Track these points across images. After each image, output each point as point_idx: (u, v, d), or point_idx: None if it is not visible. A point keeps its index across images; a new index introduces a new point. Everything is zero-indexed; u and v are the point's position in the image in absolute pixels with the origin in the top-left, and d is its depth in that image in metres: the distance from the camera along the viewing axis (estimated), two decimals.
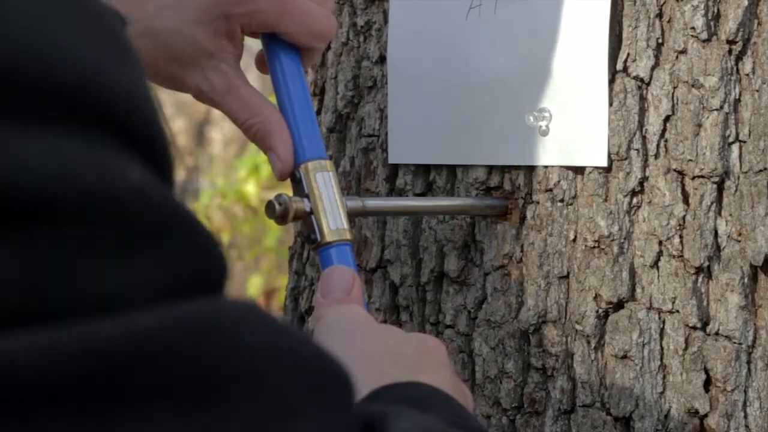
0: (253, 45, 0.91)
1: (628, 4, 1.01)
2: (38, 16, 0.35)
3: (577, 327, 1.02)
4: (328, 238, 0.85)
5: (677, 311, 0.99)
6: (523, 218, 1.04)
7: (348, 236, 0.86)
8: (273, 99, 0.89)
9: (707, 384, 0.99)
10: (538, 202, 1.04)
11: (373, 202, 1.02)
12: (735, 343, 0.98)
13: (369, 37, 1.13)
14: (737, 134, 0.99)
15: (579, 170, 1.02)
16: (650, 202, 1.00)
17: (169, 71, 0.83)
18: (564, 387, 1.02)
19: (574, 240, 1.02)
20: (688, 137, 0.99)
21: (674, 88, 1.00)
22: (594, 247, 1.01)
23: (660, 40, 1.00)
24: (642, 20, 1.00)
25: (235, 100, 0.85)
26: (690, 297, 0.99)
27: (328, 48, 1.16)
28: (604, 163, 1.01)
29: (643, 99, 1.00)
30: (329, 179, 0.86)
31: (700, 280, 0.99)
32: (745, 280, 0.98)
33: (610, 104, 1.01)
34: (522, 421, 1.03)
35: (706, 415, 0.98)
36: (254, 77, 0.98)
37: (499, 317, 1.04)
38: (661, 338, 1.00)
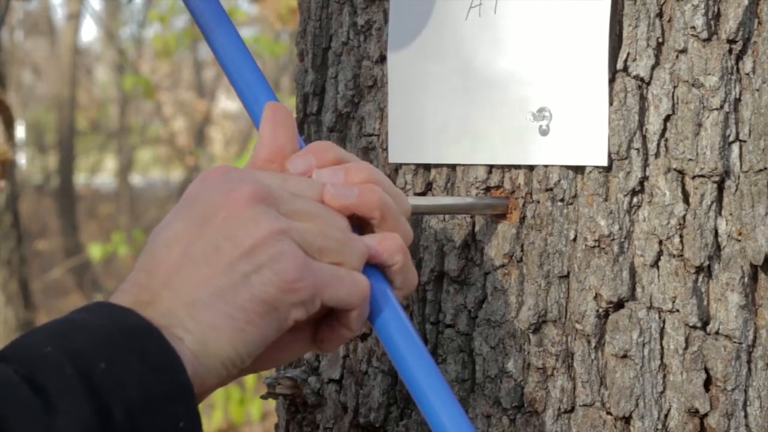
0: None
1: (628, 3, 1.01)
2: None
3: (578, 326, 1.02)
4: None
5: (677, 311, 0.99)
6: (523, 218, 1.04)
7: None
8: None
9: (707, 383, 0.99)
10: (538, 202, 1.04)
11: None
12: (735, 342, 0.98)
13: (369, 36, 1.13)
14: (737, 134, 0.99)
15: (579, 170, 1.02)
16: (650, 201, 1.00)
17: None
18: (564, 386, 1.02)
19: (575, 239, 1.02)
20: (688, 137, 0.99)
21: (674, 87, 1.00)
22: (594, 246, 1.01)
23: (660, 40, 1.00)
24: (642, 20, 1.00)
25: None
26: (690, 296, 0.99)
27: (329, 47, 1.16)
28: (604, 163, 1.01)
29: (643, 98, 1.00)
30: None
31: (700, 279, 0.99)
32: (746, 279, 0.98)
33: (611, 104, 1.01)
34: (522, 420, 1.03)
35: (706, 415, 0.98)
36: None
37: (500, 317, 1.04)
38: (662, 338, 1.00)
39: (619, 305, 1.01)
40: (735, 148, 0.99)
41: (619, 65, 1.01)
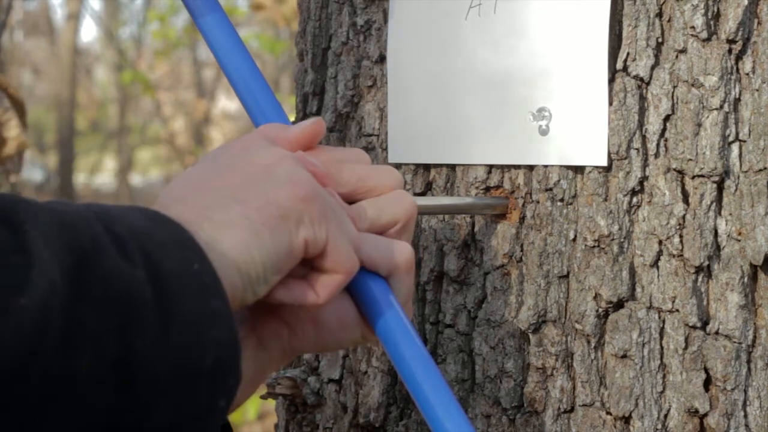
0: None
1: (628, 3, 1.01)
2: None
3: (577, 326, 1.02)
4: None
5: (677, 311, 0.99)
6: (522, 218, 1.04)
7: None
8: None
9: (707, 383, 0.99)
10: (538, 202, 1.04)
11: None
12: (735, 342, 0.98)
13: (369, 36, 1.13)
14: (737, 133, 0.99)
15: (579, 170, 1.02)
16: (650, 201, 1.00)
17: None
18: (564, 386, 1.02)
19: (574, 239, 1.02)
20: (688, 137, 0.99)
21: (674, 87, 1.00)
22: (594, 246, 1.01)
23: (660, 40, 1.00)
24: (642, 19, 1.00)
25: None
26: (690, 296, 0.99)
27: (328, 47, 1.16)
28: (604, 163, 1.01)
29: (642, 98, 1.00)
30: None
31: (699, 279, 0.99)
32: (745, 279, 0.98)
33: (610, 103, 1.01)
34: (522, 420, 1.03)
35: (706, 415, 0.98)
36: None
37: (499, 317, 1.04)
38: (661, 338, 1.00)
39: (618, 305, 1.01)
40: (735, 148, 0.99)
41: (619, 65, 1.01)
